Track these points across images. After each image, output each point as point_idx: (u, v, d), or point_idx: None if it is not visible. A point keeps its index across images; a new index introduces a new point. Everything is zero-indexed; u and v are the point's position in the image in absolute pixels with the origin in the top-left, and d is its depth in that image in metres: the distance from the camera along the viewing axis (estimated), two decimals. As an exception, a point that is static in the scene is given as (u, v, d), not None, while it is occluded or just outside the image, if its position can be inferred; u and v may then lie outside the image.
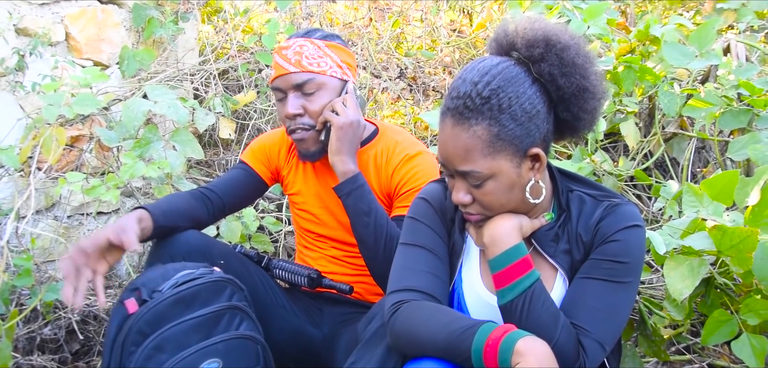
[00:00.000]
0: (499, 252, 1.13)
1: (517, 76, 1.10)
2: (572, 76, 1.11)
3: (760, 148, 1.81)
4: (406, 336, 1.13)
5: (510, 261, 1.12)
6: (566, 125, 1.17)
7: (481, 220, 1.18)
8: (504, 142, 1.09)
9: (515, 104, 1.08)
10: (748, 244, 1.39)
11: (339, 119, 1.55)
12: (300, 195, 1.75)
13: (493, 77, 1.09)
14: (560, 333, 1.07)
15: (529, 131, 1.10)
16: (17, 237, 1.99)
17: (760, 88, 2.07)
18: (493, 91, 1.08)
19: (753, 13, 2.73)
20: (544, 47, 1.11)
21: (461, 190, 1.15)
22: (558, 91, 1.12)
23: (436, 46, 3.58)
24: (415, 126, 3.05)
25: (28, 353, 1.92)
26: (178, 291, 1.39)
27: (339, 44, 1.64)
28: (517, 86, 1.09)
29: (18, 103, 2.08)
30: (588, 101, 1.14)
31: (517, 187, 1.14)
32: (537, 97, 1.11)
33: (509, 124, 1.08)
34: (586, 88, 1.13)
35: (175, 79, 2.48)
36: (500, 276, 1.12)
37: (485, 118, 1.08)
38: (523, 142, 1.10)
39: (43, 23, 2.12)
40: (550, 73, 1.11)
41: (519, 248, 1.13)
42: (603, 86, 1.17)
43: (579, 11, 2.60)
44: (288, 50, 1.59)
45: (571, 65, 1.11)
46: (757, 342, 1.51)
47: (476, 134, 1.09)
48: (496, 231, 1.14)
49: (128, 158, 1.90)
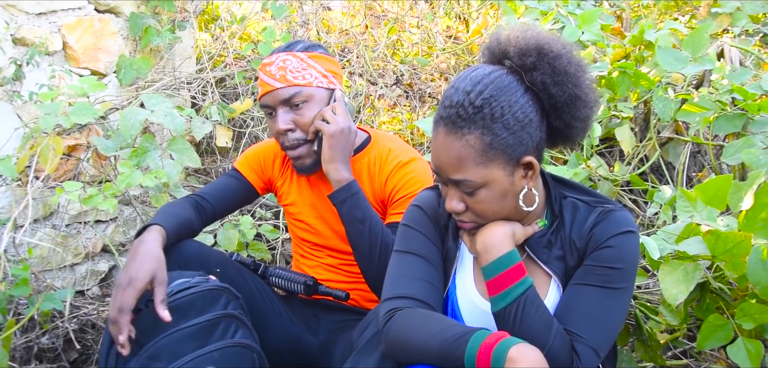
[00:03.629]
0: (492, 259, 1.13)
1: (510, 85, 1.11)
2: (564, 84, 1.12)
3: (754, 152, 1.82)
4: (400, 344, 1.14)
5: (503, 269, 1.12)
6: (559, 133, 1.17)
7: (474, 228, 1.18)
8: (496, 150, 1.09)
9: (508, 113, 1.09)
10: (741, 249, 1.40)
11: (330, 127, 1.56)
12: (295, 206, 1.75)
13: (486, 86, 1.10)
14: (554, 339, 1.08)
15: (521, 140, 1.11)
16: (15, 247, 1.99)
17: (754, 92, 2.08)
18: (485, 101, 1.09)
19: (747, 18, 2.75)
20: (537, 56, 1.11)
21: (454, 198, 1.15)
22: (550, 100, 1.12)
23: (432, 52, 3.58)
24: (412, 133, 3.05)
25: (25, 362, 1.92)
26: (174, 299, 1.40)
27: (321, 53, 1.63)
28: (510, 95, 1.10)
29: (15, 112, 2.08)
30: (580, 109, 1.15)
31: (509, 195, 1.14)
32: (529, 105, 1.11)
33: (502, 132, 1.09)
34: (578, 96, 1.13)
35: (172, 87, 2.49)
36: (493, 283, 1.13)
37: (478, 127, 1.08)
38: (515, 151, 1.11)
39: (40, 33, 2.13)
40: (542, 81, 1.11)
41: (512, 255, 1.13)
42: (595, 94, 1.18)
43: (573, 17, 2.61)
44: (271, 66, 1.59)
45: (564, 74, 1.12)
46: (753, 346, 1.51)
47: (469, 143, 1.09)
48: (489, 239, 1.15)
49: (125, 167, 1.90)
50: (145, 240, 1.43)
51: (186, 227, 1.59)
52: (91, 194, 1.86)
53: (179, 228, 1.55)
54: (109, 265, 2.36)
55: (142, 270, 1.36)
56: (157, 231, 1.47)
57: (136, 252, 1.41)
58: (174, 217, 1.56)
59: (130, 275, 1.36)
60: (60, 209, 2.20)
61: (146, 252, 1.40)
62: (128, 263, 1.39)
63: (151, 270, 1.37)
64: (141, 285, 1.35)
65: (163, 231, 1.49)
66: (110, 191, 1.88)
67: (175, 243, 1.55)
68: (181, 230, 1.57)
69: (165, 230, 1.49)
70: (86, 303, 2.17)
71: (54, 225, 2.21)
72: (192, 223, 1.63)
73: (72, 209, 2.22)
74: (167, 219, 1.54)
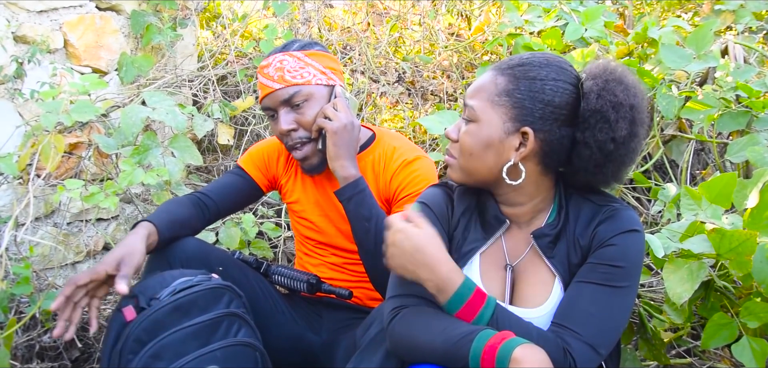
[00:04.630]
0: (449, 296, 1.11)
1: (561, 70, 1.15)
2: (605, 98, 1.12)
3: (759, 149, 1.81)
4: (404, 342, 1.13)
5: (463, 301, 1.11)
6: (575, 151, 1.16)
7: (453, 166, 1.22)
8: (510, 99, 1.14)
9: (539, 81, 1.14)
10: (747, 247, 1.39)
11: (332, 124, 1.55)
12: (299, 204, 1.75)
13: (545, 56, 1.17)
14: (535, 342, 1.06)
15: (534, 110, 1.14)
16: (16, 245, 1.99)
17: (758, 90, 2.07)
18: (531, 63, 1.16)
19: (751, 15, 2.74)
20: (601, 70, 1.16)
21: (455, 124, 1.22)
22: (587, 105, 1.13)
23: (434, 50, 3.58)
24: (414, 130, 3.05)
25: (27, 361, 1.92)
26: (176, 298, 1.39)
27: (318, 51, 1.63)
28: (557, 73, 1.15)
29: (16, 110, 2.08)
30: (605, 133, 1.12)
31: (492, 151, 1.17)
32: (566, 97, 1.14)
33: (524, 89, 1.14)
34: (607, 117, 1.12)
35: (173, 85, 2.48)
36: (462, 315, 1.11)
37: (511, 75, 1.16)
38: (522, 114, 1.14)
39: (42, 30, 2.12)
40: (590, 87, 1.14)
41: (466, 284, 1.12)
42: (633, 144, 1.15)
43: (577, 14, 2.60)
44: (269, 68, 1.59)
45: (611, 91, 1.12)
46: (758, 345, 1.50)
47: (496, 80, 1.16)
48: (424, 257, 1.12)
49: (127, 165, 1.90)
50: (128, 234, 1.46)
51: (181, 224, 1.59)
52: (93, 192, 1.85)
53: (172, 225, 1.55)
54: (110, 263, 2.35)
55: (110, 256, 1.39)
56: (143, 227, 1.49)
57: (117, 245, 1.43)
58: (167, 214, 1.57)
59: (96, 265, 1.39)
60: (61, 207, 2.20)
61: (123, 243, 1.43)
62: None
63: (117, 256, 1.39)
64: (102, 267, 1.38)
65: (150, 227, 1.50)
66: (112, 189, 1.87)
67: (171, 240, 1.54)
68: (175, 227, 1.56)
69: (155, 226, 1.50)
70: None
71: (55, 223, 2.20)
72: (190, 220, 1.62)
73: (73, 207, 2.22)
74: (159, 216, 1.55)
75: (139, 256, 1.42)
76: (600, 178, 1.18)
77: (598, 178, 1.17)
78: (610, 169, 1.15)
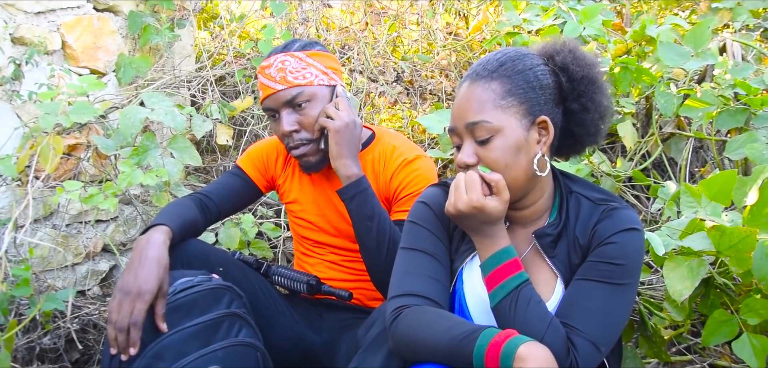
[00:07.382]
0: (489, 254, 1.15)
1: (533, 56, 1.20)
2: (583, 65, 1.19)
3: (758, 147, 1.81)
4: (407, 342, 1.13)
5: (499, 263, 1.14)
6: (573, 121, 1.21)
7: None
8: (515, 98, 1.15)
9: (529, 71, 1.17)
10: (746, 244, 1.39)
11: (334, 123, 1.55)
12: (297, 204, 1.74)
13: (510, 50, 1.21)
14: (546, 332, 1.08)
15: (539, 98, 1.16)
16: (15, 247, 1.98)
17: (756, 87, 2.07)
18: (509, 58, 1.18)
19: (748, 12, 2.74)
20: (560, 45, 1.22)
21: (467, 150, 1.17)
22: (569, 77, 1.19)
23: (432, 49, 3.58)
24: (413, 130, 3.05)
25: (27, 363, 1.91)
26: (177, 298, 1.39)
27: (319, 51, 1.62)
28: (532, 60, 1.19)
29: (15, 112, 2.07)
30: (597, 93, 1.19)
31: (523, 152, 1.16)
32: (548, 76, 1.19)
33: (521, 83, 1.16)
34: (595, 79, 1.20)
35: (171, 85, 2.48)
36: (491, 277, 1.14)
37: (500, 77, 1.16)
38: (532, 107, 1.16)
39: (39, 32, 2.11)
40: (563, 61, 1.19)
41: (508, 250, 1.15)
42: (609, 90, 1.25)
43: (575, 13, 2.61)
44: (270, 68, 1.58)
45: (582, 57, 1.20)
46: (758, 341, 1.51)
47: (490, 88, 1.16)
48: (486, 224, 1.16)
49: (126, 166, 1.89)
50: (152, 242, 1.41)
51: (191, 227, 1.58)
52: (92, 193, 1.85)
53: (184, 228, 1.54)
54: (109, 265, 2.35)
55: (151, 280, 1.35)
56: (164, 233, 1.45)
57: (143, 254, 1.39)
58: (179, 217, 1.54)
59: (139, 284, 1.34)
60: (60, 209, 2.19)
61: (154, 258, 1.38)
62: (135, 265, 1.37)
63: (159, 279, 1.36)
64: (150, 297, 1.34)
65: (169, 232, 1.47)
66: (111, 190, 1.87)
67: (180, 242, 1.54)
68: (187, 230, 1.55)
69: (172, 231, 1.48)
70: (87, 302, 2.17)
71: (54, 225, 2.20)
72: (197, 223, 1.62)
73: (72, 209, 2.21)
74: (173, 219, 1.52)
75: (168, 274, 1.41)
76: (597, 138, 1.24)
77: (597, 138, 1.24)
78: (604, 125, 1.23)
